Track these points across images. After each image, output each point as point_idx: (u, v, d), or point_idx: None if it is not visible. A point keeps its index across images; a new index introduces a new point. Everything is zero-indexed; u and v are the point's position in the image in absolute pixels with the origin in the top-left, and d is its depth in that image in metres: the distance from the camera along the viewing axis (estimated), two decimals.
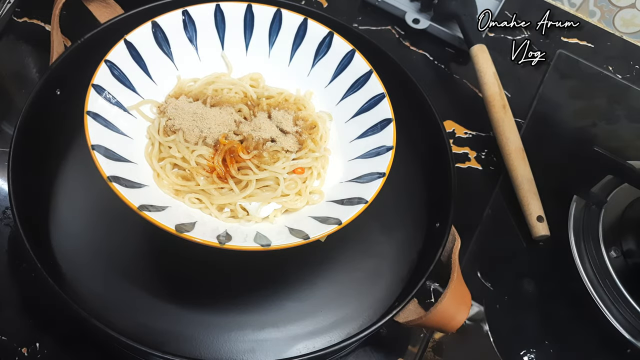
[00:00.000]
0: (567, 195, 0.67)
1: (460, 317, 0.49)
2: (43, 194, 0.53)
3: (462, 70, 0.79)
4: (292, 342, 0.50)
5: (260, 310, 0.51)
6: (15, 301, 0.54)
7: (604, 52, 0.85)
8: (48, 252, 0.50)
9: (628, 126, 0.79)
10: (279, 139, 0.54)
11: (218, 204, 0.50)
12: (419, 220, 0.59)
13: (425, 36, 0.80)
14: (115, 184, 0.44)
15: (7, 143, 0.50)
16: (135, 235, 0.53)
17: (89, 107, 0.48)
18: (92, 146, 0.45)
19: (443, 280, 0.52)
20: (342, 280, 0.54)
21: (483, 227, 0.66)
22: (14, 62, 0.68)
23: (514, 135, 0.69)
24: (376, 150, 0.53)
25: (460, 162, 0.71)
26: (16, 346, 0.51)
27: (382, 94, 0.55)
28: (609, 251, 0.61)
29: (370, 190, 0.49)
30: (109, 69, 0.51)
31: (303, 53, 0.59)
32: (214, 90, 0.57)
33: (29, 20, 0.71)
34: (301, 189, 0.53)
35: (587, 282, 0.61)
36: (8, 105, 0.65)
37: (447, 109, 0.74)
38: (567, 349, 0.61)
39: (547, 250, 0.65)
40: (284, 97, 0.59)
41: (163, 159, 0.52)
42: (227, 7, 0.58)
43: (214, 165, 0.51)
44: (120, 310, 0.49)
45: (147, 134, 0.53)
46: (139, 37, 0.54)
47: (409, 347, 0.58)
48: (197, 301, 0.51)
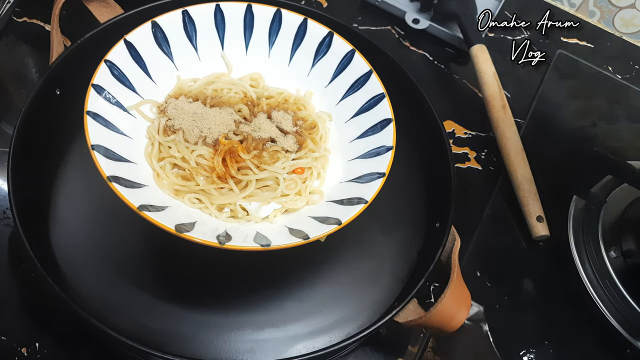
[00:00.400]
0: (567, 195, 0.66)
1: (460, 317, 0.49)
2: (43, 194, 0.53)
3: (462, 70, 0.79)
4: (292, 342, 0.50)
5: (260, 310, 0.51)
6: (15, 301, 0.54)
7: (604, 52, 0.85)
8: (48, 252, 0.50)
9: (628, 126, 0.79)
10: (279, 139, 0.54)
11: (218, 204, 0.50)
12: (418, 220, 0.59)
13: (425, 36, 0.80)
14: (115, 184, 0.44)
15: (6, 143, 0.50)
16: (135, 235, 0.53)
17: (88, 107, 0.48)
18: (91, 146, 0.45)
19: (443, 280, 0.52)
20: (342, 281, 0.54)
21: (483, 227, 0.66)
22: (13, 62, 0.68)
23: (514, 135, 0.69)
24: (376, 150, 0.53)
25: (460, 162, 0.71)
26: (16, 346, 0.51)
27: (382, 94, 0.55)
28: (608, 251, 0.61)
29: (370, 190, 0.49)
30: (109, 69, 0.51)
31: (303, 53, 0.59)
32: (214, 90, 0.57)
33: (29, 20, 0.71)
34: (301, 189, 0.53)
35: (586, 282, 0.61)
36: (8, 105, 0.65)
37: (447, 109, 0.74)
38: (567, 349, 0.61)
39: (547, 250, 0.65)
40: (283, 97, 0.59)
41: (163, 159, 0.52)
42: (227, 7, 0.57)
43: (214, 165, 0.51)
44: (120, 310, 0.49)
45: (147, 134, 0.53)
46: (138, 37, 0.54)
47: (409, 347, 0.58)
48: (197, 301, 0.51)
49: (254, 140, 0.53)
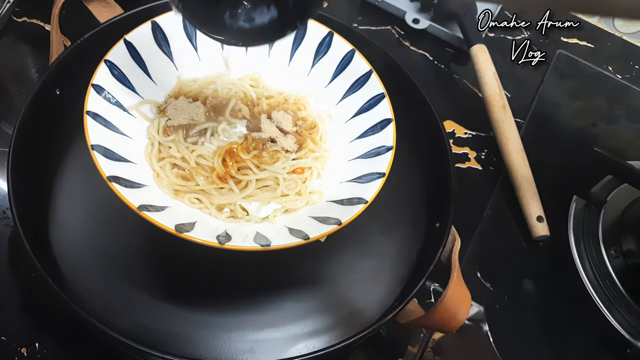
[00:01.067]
0: (567, 195, 0.67)
1: (460, 317, 0.49)
2: (43, 194, 0.53)
3: (462, 70, 0.79)
4: (292, 342, 0.50)
5: (260, 310, 0.51)
6: (15, 301, 0.54)
7: (604, 52, 0.85)
8: (48, 252, 0.50)
9: (628, 126, 0.79)
10: (279, 139, 0.54)
11: (218, 204, 0.50)
12: (419, 220, 0.59)
13: (425, 36, 0.80)
14: (115, 184, 0.44)
15: (6, 143, 0.50)
16: (134, 235, 0.53)
17: (88, 107, 0.48)
18: (91, 146, 0.45)
19: (443, 280, 0.52)
20: (342, 281, 0.54)
21: (483, 227, 0.66)
22: (13, 61, 0.68)
23: (514, 135, 0.69)
24: (376, 150, 0.53)
25: (460, 162, 0.71)
26: (16, 346, 0.51)
27: (382, 94, 0.55)
28: (608, 251, 0.61)
29: (370, 190, 0.49)
30: (109, 69, 0.51)
31: (303, 53, 0.59)
32: (214, 90, 0.57)
33: (29, 20, 0.71)
34: (301, 189, 0.53)
35: (586, 282, 0.61)
36: (7, 104, 0.65)
37: (447, 109, 0.74)
38: (567, 349, 0.61)
39: (547, 250, 0.65)
40: (283, 97, 0.59)
41: (163, 159, 0.52)
42: None
43: (214, 166, 0.51)
44: (120, 310, 0.49)
45: (146, 134, 0.53)
46: (138, 37, 0.54)
47: (409, 347, 0.58)
48: (197, 301, 0.51)
49: (254, 140, 0.53)
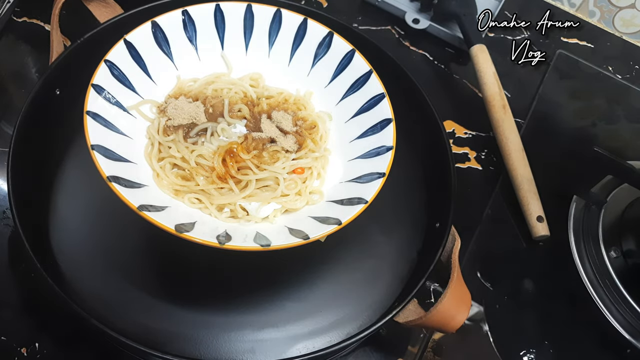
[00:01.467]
0: (567, 195, 0.66)
1: (460, 317, 0.49)
2: (43, 194, 0.53)
3: (462, 70, 0.79)
4: (292, 342, 0.50)
5: (260, 310, 0.51)
6: (15, 301, 0.54)
7: (604, 52, 0.85)
8: (48, 252, 0.50)
9: (628, 126, 0.79)
10: (279, 139, 0.54)
11: (218, 204, 0.50)
12: (419, 220, 0.59)
13: (425, 36, 0.80)
14: (115, 184, 0.44)
15: (6, 143, 0.50)
16: (134, 235, 0.53)
17: (88, 107, 0.48)
18: (91, 146, 0.45)
19: (443, 280, 0.52)
20: (341, 281, 0.54)
21: (483, 227, 0.66)
22: (13, 61, 0.68)
23: (514, 135, 0.69)
24: (376, 150, 0.53)
25: (460, 162, 0.71)
26: (15, 346, 0.51)
27: (382, 94, 0.55)
28: (608, 251, 0.61)
29: (370, 190, 0.49)
30: (109, 69, 0.51)
31: (303, 53, 0.59)
32: (214, 90, 0.57)
33: (29, 20, 0.71)
34: (301, 189, 0.53)
35: (587, 282, 0.61)
36: (8, 105, 0.65)
37: (447, 109, 0.74)
38: (567, 349, 0.61)
39: (547, 250, 0.65)
40: (284, 97, 0.59)
41: (163, 159, 0.52)
42: (227, 6, 0.57)
43: (214, 166, 0.51)
44: (120, 310, 0.49)
45: (146, 134, 0.53)
46: (138, 37, 0.54)
47: (409, 347, 0.58)
48: (197, 301, 0.51)
49: (254, 140, 0.53)
